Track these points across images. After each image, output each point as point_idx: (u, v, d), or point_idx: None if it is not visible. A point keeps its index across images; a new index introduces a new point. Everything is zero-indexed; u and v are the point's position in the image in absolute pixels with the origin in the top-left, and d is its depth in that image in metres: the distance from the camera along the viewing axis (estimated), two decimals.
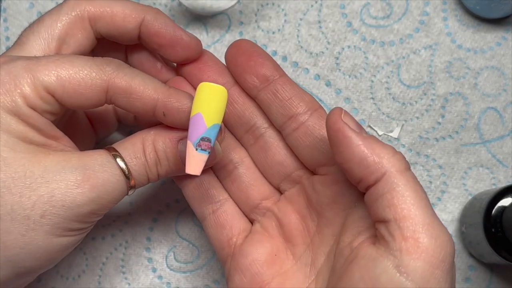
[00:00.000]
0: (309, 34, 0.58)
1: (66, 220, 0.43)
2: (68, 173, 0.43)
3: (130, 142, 0.46)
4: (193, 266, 0.58)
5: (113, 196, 0.45)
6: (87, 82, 0.43)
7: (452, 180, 0.57)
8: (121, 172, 0.45)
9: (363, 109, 0.58)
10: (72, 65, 0.43)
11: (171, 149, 0.46)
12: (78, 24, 0.47)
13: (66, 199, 0.42)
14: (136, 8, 0.48)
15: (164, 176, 0.47)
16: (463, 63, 0.58)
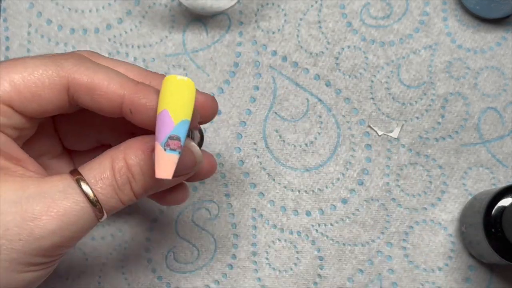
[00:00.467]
0: (309, 34, 0.58)
1: (26, 255, 0.39)
2: (24, 203, 0.38)
3: (97, 163, 0.41)
4: (192, 266, 0.58)
5: (79, 226, 0.40)
6: (44, 81, 0.39)
7: (452, 180, 0.57)
8: (85, 198, 0.39)
9: (363, 109, 0.58)
10: (25, 67, 0.39)
11: (145, 162, 0.41)
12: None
13: (22, 232, 0.38)
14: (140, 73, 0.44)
15: (142, 194, 0.43)
16: (463, 63, 0.58)
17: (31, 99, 0.39)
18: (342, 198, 0.58)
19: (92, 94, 0.40)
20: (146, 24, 0.59)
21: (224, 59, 0.58)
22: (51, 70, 0.40)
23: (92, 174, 0.40)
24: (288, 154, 0.58)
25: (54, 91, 0.40)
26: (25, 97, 0.39)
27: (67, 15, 0.59)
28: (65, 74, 0.40)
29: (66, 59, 0.40)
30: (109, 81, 0.40)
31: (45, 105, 0.40)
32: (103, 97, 0.40)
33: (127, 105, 0.40)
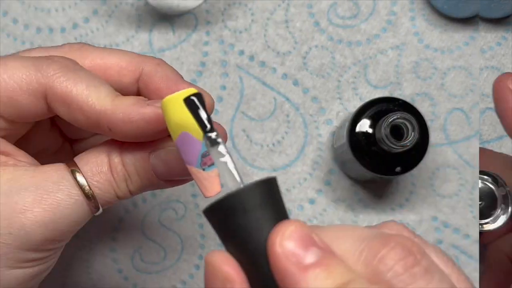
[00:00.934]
0: (276, 33, 0.58)
1: (17, 249, 0.37)
2: (15, 194, 0.37)
3: (93, 155, 0.39)
4: (159, 266, 0.58)
5: (72, 219, 0.38)
6: (22, 86, 0.38)
7: (420, 180, 0.57)
8: (80, 191, 0.38)
9: (331, 108, 0.58)
10: (5, 69, 0.38)
11: (141, 163, 0.39)
12: None
13: (13, 225, 0.37)
14: (133, 60, 0.41)
15: (137, 193, 0.41)
16: (430, 63, 0.58)
17: (8, 103, 0.38)
18: (310, 198, 0.57)
19: (68, 107, 0.38)
20: (113, 23, 0.58)
21: (191, 58, 0.58)
22: (31, 75, 0.38)
23: (89, 167, 0.39)
24: (256, 154, 0.58)
25: (31, 98, 0.38)
26: (2, 100, 0.38)
27: (33, 14, 0.58)
28: (44, 81, 0.38)
29: (49, 64, 0.38)
30: (86, 95, 0.37)
31: (23, 110, 0.38)
32: (79, 112, 0.38)
33: (104, 123, 0.38)
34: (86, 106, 0.37)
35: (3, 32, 0.58)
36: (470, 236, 0.57)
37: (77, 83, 0.37)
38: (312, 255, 0.29)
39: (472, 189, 0.57)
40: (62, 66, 0.38)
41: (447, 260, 0.32)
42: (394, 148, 0.49)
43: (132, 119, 0.37)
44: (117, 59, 0.41)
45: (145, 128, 0.38)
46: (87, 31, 0.58)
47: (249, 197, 0.31)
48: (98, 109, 0.37)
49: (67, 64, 0.39)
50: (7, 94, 0.37)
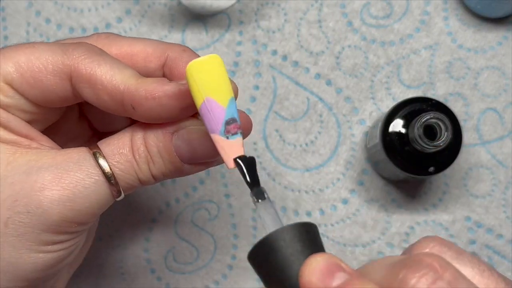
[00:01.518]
0: (309, 33, 0.65)
1: (35, 230, 0.40)
2: (35, 173, 0.41)
3: (116, 137, 0.43)
4: (192, 267, 0.65)
5: (91, 200, 0.42)
6: (48, 67, 0.42)
7: (453, 180, 0.64)
8: (100, 171, 0.42)
9: (364, 108, 0.64)
10: (33, 50, 0.42)
11: (164, 144, 0.43)
12: None
13: (31, 203, 0.40)
14: (158, 46, 0.46)
15: (161, 178, 0.44)
16: (463, 63, 0.64)
17: (33, 84, 0.42)
18: (343, 198, 0.64)
19: (93, 88, 0.42)
20: (146, 23, 0.65)
21: (224, 58, 0.65)
22: (57, 57, 0.42)
23: (110, 148, 0.43)
24: (289, 154, 0.64)
25: (56, 79, 0.42)
26: (27, 81, 0.42)
27: (66, 14, 0.66)
28: (69, 62, 0.42)
29: (75, 48, 0.42)
30: (111, 75, 0.42)
31: (48, 92, 0.42)
32: (104, 92, 0.42)
33: (128, 101, 0.42)
34: (110, 86, 0.41)
35: (36, 32, 0.66)
36: (503, 236, 0.63)
37: (101, 64, 0.42)
38: (339, 279, 0.33)
39: (505, 189, 0.64)
40: (87, 50, 0.43)
41: (483, 269, 0.34)
42: (427, 148, 0.55)
43: (155, 96, 0.41)
44: (143, 46, 0.46)
45: (168, 105, 0.42)
46: (120, 31, 0.65)
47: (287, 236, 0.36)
48: (122, 88, 0.41)
49: (93, 48, 0.43)
50: (33, 75, 0.42)
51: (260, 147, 0.65)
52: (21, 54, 0.42)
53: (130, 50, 0.46)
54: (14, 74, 0.42)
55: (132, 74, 0.42)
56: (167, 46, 0.46)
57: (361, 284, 0.33)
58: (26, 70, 0.42)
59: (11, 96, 0.42)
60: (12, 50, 0.42)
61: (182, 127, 0.43)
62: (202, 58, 0.39)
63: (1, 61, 0.42)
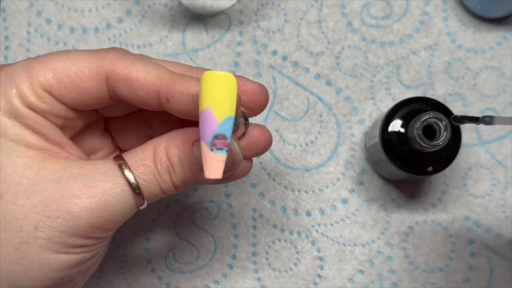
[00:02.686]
0: (309, 33, 0.66)
1: (63, 234, 0.43)
2: (64, 181, 0.43)
3: (140, 149, 0.46)
4: (192, 266, 0.66)
5: (117, 208, 0.44)
6: (85, 72, 0.44)
7: (452, 180, 0.65)
8: (125, 182, 0.44)
9: (363, 108, 0.65)
10: (68, 57, 0.45)
11: (184, 154, 0.45)
12: None
13: (61, 209, 0.42)
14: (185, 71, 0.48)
15: (181, 187, 0.47)
16: (463, 64, 0.65)
17: (71, 88, 0.44)
18: (343, 198, 0.65)
19: (130, 85, 0.45)
20: (146, 24, 0.66)
21: (224, 58, 0.66)
22: (92, 61, 0.45)
23: (134, 160, 0.45)
24: (289, 154, 0.65)
25: (93, 81, 0.45)
26: (65, 86, 0.44)
27: (67, 15, 0.67)
28: (104, 64, 0.45)
29: (107, 52, 0.46)
30: (147, 72, 0.45)
31: (84, 95, 0.45)
32: (140, 88, 0.45)
33: (164, 94, 0.44)
34: (146, 81, 0.45)
35: (37, 32, 0.67)
36: (502, 236, 0.64)
37: (135, 63, 0.45)
38: None
39: (505, 189, 0.65)
40: (119, 51, 0.46)
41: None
42: (427, 147, 0.56)
43: (190, 92, 0.44)
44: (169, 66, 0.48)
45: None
46: (121, 31, 0.66)
47: None
48: (159, 82, 0.44)
49: (123, 50, 0.46)
50: (70, 80, 0.44)
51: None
52: (57, 61, 0.44)
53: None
54: (52, 81, 0.44)
55: (167, 71, 0.45)
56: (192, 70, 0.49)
57: None
58: (64, 76, 0.44)
59: (48, 102, 0.44)
60: (47, 58, 0.45)
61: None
62: (219, 72, 0.41)
63: (37, 68, 0.44)
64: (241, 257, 0.65)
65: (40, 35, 0.67)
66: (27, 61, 0.45)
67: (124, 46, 0.66)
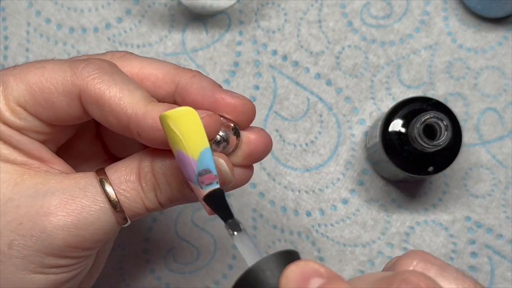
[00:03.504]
0: (309, 33, 0.66)
1: (39, 253, 0.41)
2: (41, 197, 0.41)
3: (124, 164, 0.44)
4: (192, 267, 0.66)
5: (96, 227, 0.42)
6: (58, 88, 0.42)
7: (453, 180, 0.65)
8: (105, 199, 0.42)
9: (364, 108, 0.66)
10: (43, 71, 0.43)
11: (171, 171, 0.43)
12: None
13: (35, 227, 0.41)
14: (169, 72, 0.46)
15: (167, 205, 0.45)
16: (463, 63, 0.66)
17: (45, 104, 0.43)
18: (343, 198, 0.65)
19: (101, 110, 0.42)
20: (146, 24, 0.67)
21: (224, 58, 0.66)
22: (67, 77, 0.42)
23: (117, 175, 0.43)
24: (289, 154, 0.66)
25: (66, 99, 0.43)
26: (39, 102, 0.42)
27: (66, 14, 0.67)
28: (78, 83, 0.42)
29: (84, 67, 0.43)
30: (119, 98, 0.42)
31: (59, 112, 0.43)
32: (111, 114, 0.42)
33: (134, 127, 0.42)
34: (118, 109, 0.42)
35: (36, 32, 0.67)
36: (503, 236, 0.65)
37: (111, 85, 0.42)
38: (314, 284, 0.33)
39: (505, 189, 0.65)
40: (98, 68, 0.43)
41: (468, 285, 0.35)
42: (427, 147, 0.56)
43: (160, 128, 0.40)
44: (153, 69, 0.46)
45: None
46: (120, 31, 0.67)
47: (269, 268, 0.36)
48: (130, 113, 0.42)
49: (104, 66, 0.43)
50: (44, 96, 0.42)
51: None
52: (32, 76, 0.43)
53: (141, 73, 0.46)
54: (27, 97, 0.42)
55: (142, 97, 0.42)
56: (178, 72, 0.46)
57: (337, 285, 0.33)
58: (37, 91, 0.42)
59: (24, 118, 0.43)
60: (22, 71, 0.43)
61: None
62: (173, 112, 0.39)
63: (12, 82, 0.43)
64: (241, 258, 0.65)
65: (39, 35, 0.67)
66: (2, 73, 0.43)
67: (124, 46, 0.67)
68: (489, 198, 0.65)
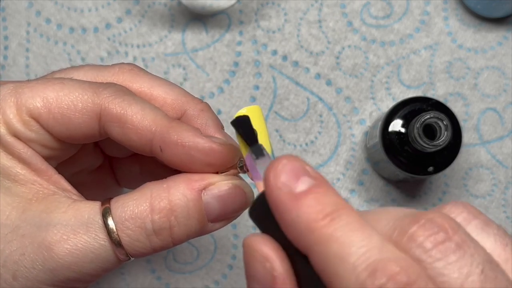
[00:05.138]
0: (309, 33, 0.67)
1: (40, 284, 0.41)
2: (44, 227, 0.41)
3: (132, 197, 0.42)
4: (192, 267, 0.66)
5: (97, 263, 0.41)
6: (77, 105, 0.42)
7: (453, 180, 0.65)
8: (106, 236, 0.41)
9: (364, 108, 0.66)
10: (62, 87, 0.43)
11: (194, 203, 0.41)
12: None
13: (37, 260, 0.40)
14: (178, 99, 0.46)
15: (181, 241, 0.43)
16: (463, 63, 0.66)
17: (61, 120, 0.42)
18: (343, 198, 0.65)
19: (123, 127, 0.42)
20: (146, 24, 0.67)
21: (224, 58, 0.67)
22: (87, 95, 0.42)
23: (123, 210, 0.41)
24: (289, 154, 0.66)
25: (85, 118, 0.42)
26: (55, 117, 0.42)
27: (66, 14, 0.67)
28: (99, 101, 0.42)
29: (105, 88, 0.43)
30: (142, 115, 0.42)
31: (74, 129, 0.43)
32: (134, 131, 0.42)
33: (157, 142, 0.42)
34: (141, 125, 0.42)
35: (36, 32, 0.67)
36: None
37: (131, 104, 0.42)
38: (303, 184, 0.32)
39: (505, 189, 0.65)
40: (117, 89, 0.43)
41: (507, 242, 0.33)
42: (427, 147, 0.57)
43: (185, 144, 0.41)
44: (163, 93, 0.46)
45: (195, 157, 0.41)
46: (120, 31, 0.67)
47: None
48: (154, 129, 0.42)
49: (122, 88, 0.44)
50: (61, 111, 0.42)
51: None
52: (50, 90, 0.42)
53: (150, 93, 0.46)
54: (42, 109, 0.42)
55: (164, 115, 0.43)
56: (187, 101, 0.46)
57: (328, 192, 0.33)
58: (55, 106, 0.42)
59: (35, 131, 0.42)
60: (40, 85, 0.43)
61: (211, 182, 0.42)
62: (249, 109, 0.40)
63: (27, 93, 0.42)
64: (241, 257, 0.66)
65: (39, 35, 0.67)
66: (17, 84, 0.43)
67: (124, 46, 0.67)
68: (489, 198, 0.65)
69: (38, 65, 0.67)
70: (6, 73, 0.67)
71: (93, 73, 0.47)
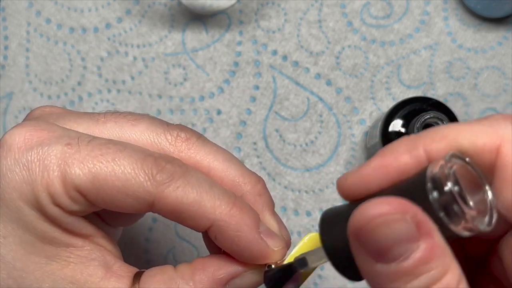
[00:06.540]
0: (309, 33, 0.67)
1: None
2: None
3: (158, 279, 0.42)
4: None
5: None
6: (128, 190, 0.40)
7: None
8: None
9: (364, 108, 0.66)
10: (115, 163, 0.40)
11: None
12: None
13: None
14: (237, 177, 0.45)
15: None
16: (463, 63, 0.66)
17: (108, 201, 0.41)
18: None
19: (179, 216, 0.41)
20: (146, 23, 0.67)
21: (224, 58, 0.67)
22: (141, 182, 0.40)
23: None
24: (289, 154, 0.66)
25: (135, 202, 0.41)
26: (103, 198, 0.40)
27: (66, 14, 0.67)
28: (154, 190, 0.40)
29: (161, 170, 0.41)
30: (200, 203, 0.41)
31: (120, 207, 0.41)
32: (190, 219, 0.41)
33: (214, 232, 0.41)
34: (197, 215, 0.41)
35: (36, 32, 0.67)
36: None
37: (188, 192, 0.41)
38: None
39: None
40: (174, 172, 0.41)
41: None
42: None
43: (241, 241, 0.41)
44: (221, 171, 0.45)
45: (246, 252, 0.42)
46: (120, 31, 0.67)
47: None
48: (212, 217, 0.41)
49: (178, 169, 0.41)
50: (109, 193, 0.40)
51: (260, 147, 0.66)
52: (99, 168, 0.40)
53: (208, 166, 0.45)
54: (90, 187, 0.40)
55: (221, 196, 0.42)
56: (244, 182, 0.45)
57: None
58: (103, 187, 0.40)
59: (81, 203, 0.41)
60: (89, 158, 0.41)
61: (235, 274, 0.43)
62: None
63: (76, 168, 0.40)
64: None
65: (39, 35, 0.67)
66: (65, 149, 0.41)
67: (124, 46, 0.67)
68: None
69: (38, 65, 0.67)
70: (6, 73, 0.67)
71: (150, 136, 0.45)
